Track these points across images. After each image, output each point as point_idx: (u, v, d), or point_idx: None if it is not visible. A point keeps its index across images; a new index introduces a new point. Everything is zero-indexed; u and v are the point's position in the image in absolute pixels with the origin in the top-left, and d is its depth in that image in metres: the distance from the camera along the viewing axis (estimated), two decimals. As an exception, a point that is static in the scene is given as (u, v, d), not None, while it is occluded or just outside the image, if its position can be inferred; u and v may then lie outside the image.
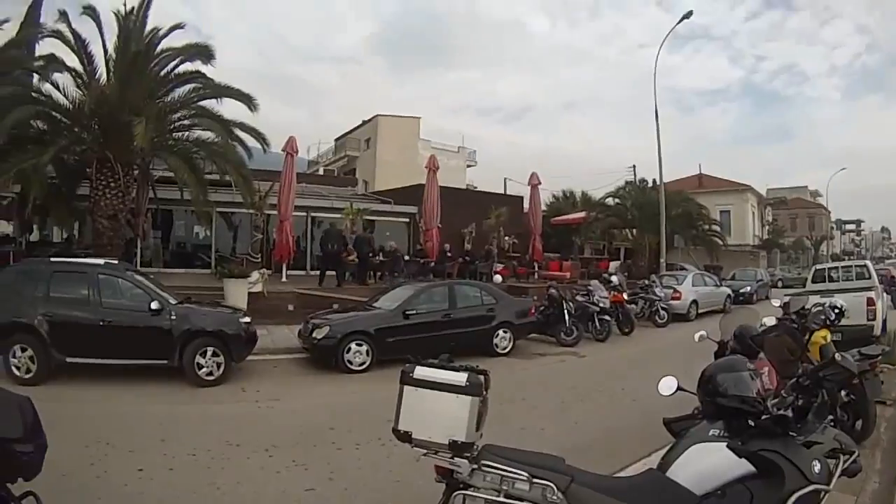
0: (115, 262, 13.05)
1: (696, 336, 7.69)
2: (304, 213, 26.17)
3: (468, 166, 58.27)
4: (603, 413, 9.72)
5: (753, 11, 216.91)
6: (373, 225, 28.47)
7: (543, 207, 33.87)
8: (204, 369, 11.09)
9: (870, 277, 15.87)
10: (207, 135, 19.37)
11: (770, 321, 8.59)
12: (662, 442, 4.20)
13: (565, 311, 16.66)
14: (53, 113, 18.17)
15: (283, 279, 21.56)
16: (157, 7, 19.50)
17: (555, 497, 3.32)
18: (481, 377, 3.79)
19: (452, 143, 57.35)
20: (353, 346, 12.44)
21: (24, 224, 23.52)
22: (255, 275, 17.86)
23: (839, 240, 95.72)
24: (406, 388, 3.90)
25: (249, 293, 17.15)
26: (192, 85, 19.45)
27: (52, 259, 12.87)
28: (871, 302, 13.96)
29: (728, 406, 3.62)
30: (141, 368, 11.23)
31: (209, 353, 11.13)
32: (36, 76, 18.50)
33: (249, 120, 19.70)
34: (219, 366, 11.20)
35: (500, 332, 14.71)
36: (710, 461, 3.42)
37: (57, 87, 17.97)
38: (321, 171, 54.41)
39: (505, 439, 3.83)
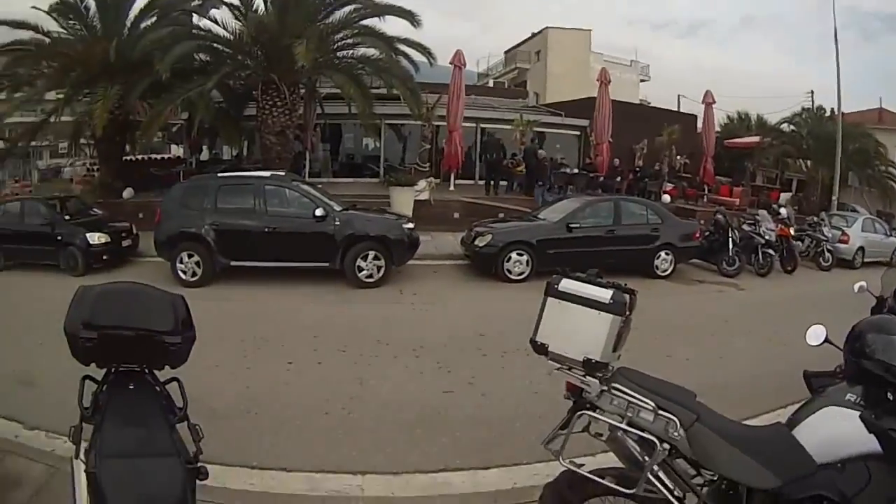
0: (282, 174, 14.06)
1: (856, 286, 6.88)
2: (474, 125, 26.32)
3: (641, 81, 56.66)
4: (750, 354, 9.41)
5: None
6: (543, 137, 28.19)
7: (717, 128, 32.45)
8: (364, 272, 11.88)
9: None
10: (372, 52, 19.88)
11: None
12: (803, 395, 3.80)
13: (730, 240, 16.14)
14: (215, 45, 19.46)
15: (451, 188, 22.02)
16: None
17: (676, 434, 3.17)
18: (627, 296, 3.53)
19: (626, 56, 55.91)
20: (513, 255, 12.80)
21: (193, 146, 25.35)
22: (421, 183, 18.34)
23: None
24: (549, 299, 3.71)
25: (416, 201, 17.64)
26: (353, 6, 19.76)
27: (220, 174, 14.11)
28: None
29: (871, 371, 3.18)
30: (305, 271, 12.08)
31: (370, 257, 11.90)
32: (195, 15, 19.72)
33: (414, 35, 20.01)
34: (379, 269, 11.95)
35: (662, 253, 14.60)
36: (838, 428, 3.12)
37: (216, 22, 19.06)
38: (491, 84, 53.90)
39: (647, 365, 3.66)
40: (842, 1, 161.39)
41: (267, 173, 13.50)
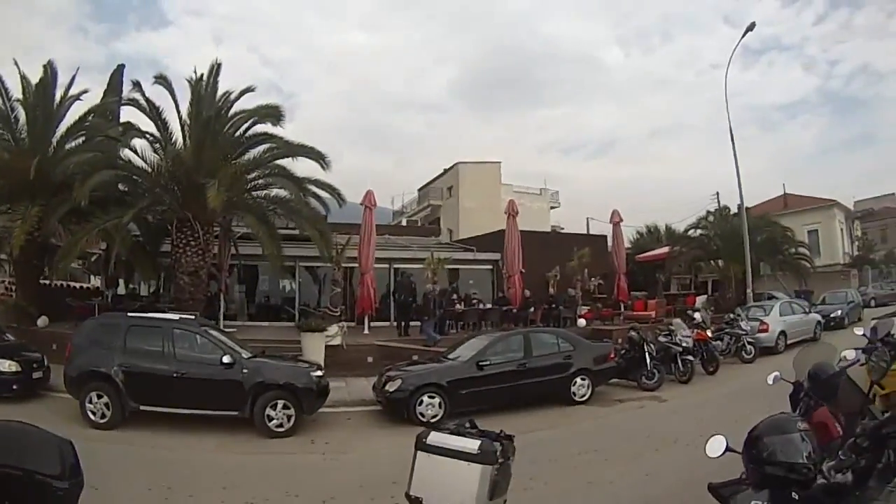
0: (192, 317, 13.75)
1: (770, 378, 6.92)
2: (387, 265, 26.25)
3: (552, 208, 57.96)
4: (677, 465, 9.04)
5: (820, 15, 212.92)
6: (456, 274, 28.70)
7: (627, 244, 33.40)
8: (274, 421, 11.48)
9: None
10: (284, 193, 20.05)
11: (851, 355, 7.10)
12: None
13: (646, 354, 16.20)
14: (134, 177, 19.56)
15: (366, 331, 21.69)
16: (241, 70, 21.07)
17: None
18: (497, 444, 3.65)
19: (535, 185, 57.53)
20: (425, 398, 12.48)
21: (109, 279, 24.65)
22: (333, 328, 17.95)
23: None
24: (419, 453, 3.93)
25: (328, 346, 17.28)
26: (266, 146, 20.13)
27: (130, 314, 13.76)
28: None
29: (774, 474, 3.29)
30: (218, 418, 11.69)
31: (280, 406, 11.51)
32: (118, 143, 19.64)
33: (325, 177, 20.41)
34: (289, 418, 11.57)
35: (578, 379, 14.36)
36: None
37: (136, 152, 19.29)
38: (404, 223, 55.32)
39: (570, 495, 3.66)
40: (740, 99, 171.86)
41: (176, 316, 13.25)
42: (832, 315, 26.82)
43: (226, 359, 11.70)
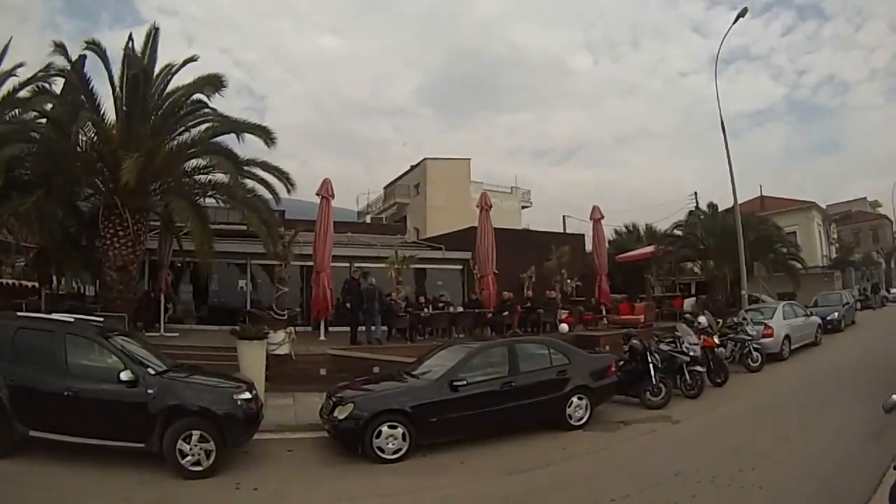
0: (93, 319, 11.08)
1: (887, 406, 5.08)
2: (347, 264, 23.84)
3: (523, 207, 56.53)
4: None
5: (788, 26, 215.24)
6: (423, 274, 27.02)
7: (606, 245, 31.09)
8: (188, 458, 8.68)
9: None
10: (224, 177, 17.89)
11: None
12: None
13: (650, 366, 13.76)
14: (59, 156, 16.86)
15: (322, 337, 19.13)
16: (213, 70, 18.27)
17: None
18: None
19: (506, 185, 55.60)
20: (384, 428, 9.66)
21: (41, 275, 22.77)
22: (279, 335, 15.44)
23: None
24: None
25: (274, 355, 14.81)
26: (205, 123, 17.99)
27: (20, 314, 11.41)
28: None
29: None
30: (127, 450, 8.84)
31: (195, 438, 8.72)
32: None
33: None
34: (208, 454, 8.78)
35: (575, 399, 11.67)
36: None
37: (59, 127, 16.69)
38: (368, 220, 52.98)
39: None
40: (707, 106, 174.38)
41: (69, 317, 10.25)
42: (829, 318, 26.03)
43: (124, 375, 8.86)
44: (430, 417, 10.01)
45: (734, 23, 25.74)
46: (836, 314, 27.21)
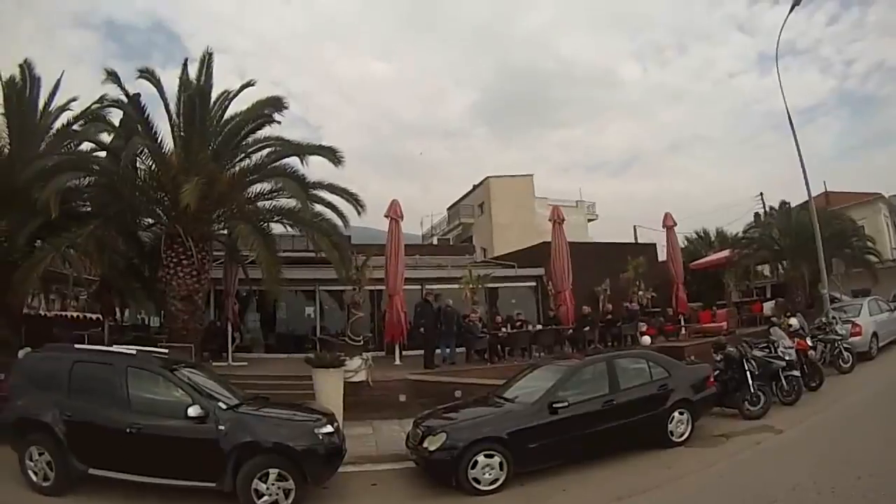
0: (160, 351, 10.73)
1: None
2: (418, 286, 23.15)
3: (589, 220, 55.65)
4: None
5: (833, 15, 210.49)
6: (495, 294, 26.43)
7: (678, 252, 30.34)
8: (265, 497, 8.15)
9: None
10: (291, 202, 17.52)
11: None
12: None
13: (747, 374, 13.12)
14: (114, 184, 16.77)
15: (397, 362, 18.68)
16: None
17: None
18: None
19: (566, 199, 54.14)
20: (480, 458, 9.07)
21: (105, 307, 22.46)
22: (355, 361, 14.90)
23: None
24: None
25: (351, 383, 14.22)
26: (269, 150, 17.67)
27: (78, 346, 10.81)
28: None
29: None
30: (197, 490, 8.38)
31: (272, 477, 8.19)
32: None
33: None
34: (287, 493, 8.24)
35: (676, 414, 11.11)
36: None
37: (116, 157, 16.45)
38: (435, 242, 51.92)
39: None
40: (760, 107, 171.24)
41: (132, 349, 9.91)
42: None
43: (192, 410, 8.40)
44: (528, 444, 9.45)
45: (790, 12, 24.74)
46: None
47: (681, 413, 11.18)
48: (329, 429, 9.00)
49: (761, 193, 43.56)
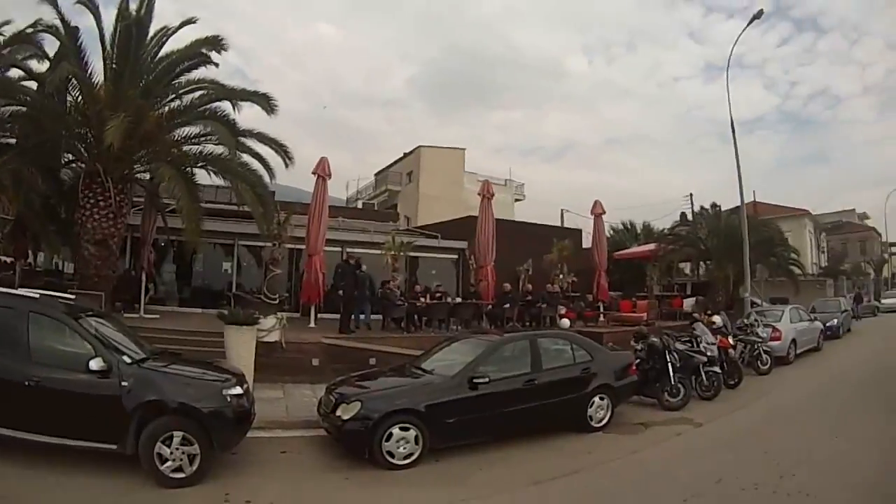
0: (66, 297, 9.58)
1: None
2: (339, 248, 22.75)
3: (516, 200, 55.75)
4: None
5: (785, 37, 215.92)
6: (416, 264, 26.27)
7: (604, 241, 30.41)
8: (169, 463, 7.37)
9: None
10: (220, 150, 16.67)
11: None
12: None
13: (668, 365, 13.01)
14: (41, 115, 15.54)
15: (312, 324, 18.06)
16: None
17: None
18: None
19: (499, 177, 53.97)
20: (395, 430, 8.51)
21: (16, 249, 20.98)
22: (269, 321, 14.19)
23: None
24: None
25: (263, 343, 13.52)
26: (201, 92, 16.81)
27: None
28: None
29: None
30: (92, 453, 7.49)
31: (176, 440, 7.41)
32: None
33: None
34: (192, 458, 7.46)
35: (597, 399, 10.83)
36: None
37: (42, 85, 15.63)
38: (360, 206, 51.23)
39: None
40: (702, 113, 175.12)
41: (35, 293, 8.68)
42: (828, 324, 25.78)
43: (94, 363, 7.47)
44: (446, 418, 8.96)
45: (749, 24, 24.86)
46: (836, 321, 27.04)
47: (601, 398, 10.91)
48: (238, 390, 8.24)
49: (691, 194, 45.08)
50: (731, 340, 16.05)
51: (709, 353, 14.13)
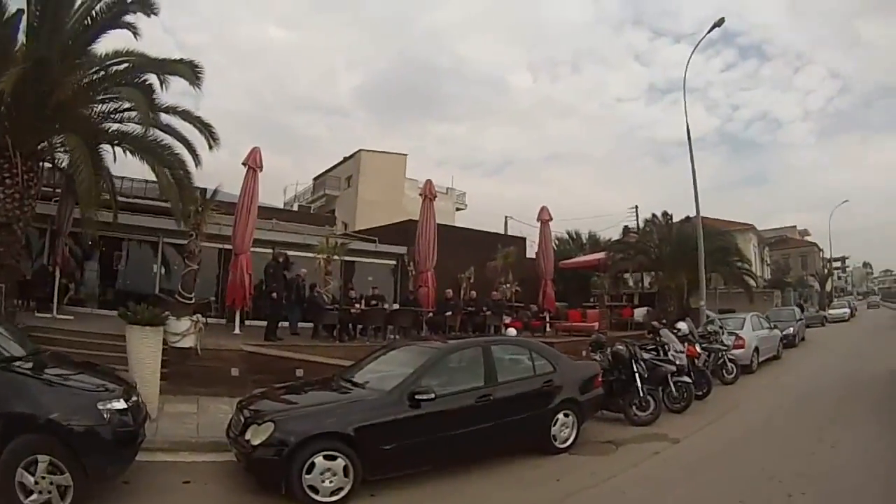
0: None
1: None
2: (270, 249, 20.62)
3: (458, 209, 54.97)
4: None
5: (729, 63, 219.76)
6: (352, 269, 24.61)
7: (549, 249, 29.49)
8: (34, 496, 5.63)
9: None
10: (136, 127, 14.84)
11: None
12: None
13: (636, 376, 11.72)
14: None
15: (237, 331, 16.45)
16: (154, 51, 15.49)
17: None
18: None
19: (440, 185, 52.95)
20: (318, 459, 6.68)
21: None
22: (183, 323, 12.47)
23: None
24: None
25: (175, 349, 12.03)
26: (127, 64, 14.85)
27: None
28: None
29: None
30: None
31: (41, 467, 5.67)
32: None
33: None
34: (63, 491, 5.75)
35: (561, 416, 9.29)
36: None
37: None
38: (296, 209, 50.03)
39: None
40: (642, 132, 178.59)
41: None
42: (785, 332, 25.82)
43: None
44: (382, 444, 7.21)
45: (709, 31, 24.54)
46: (792, 329, 27.19)
47: (566, 415, 9.41)
48: (119, 404, 6.41)
49: (636, 206, 45.03)
50: (698, 349, 15.05)
51: (678, 362, 13.02)
